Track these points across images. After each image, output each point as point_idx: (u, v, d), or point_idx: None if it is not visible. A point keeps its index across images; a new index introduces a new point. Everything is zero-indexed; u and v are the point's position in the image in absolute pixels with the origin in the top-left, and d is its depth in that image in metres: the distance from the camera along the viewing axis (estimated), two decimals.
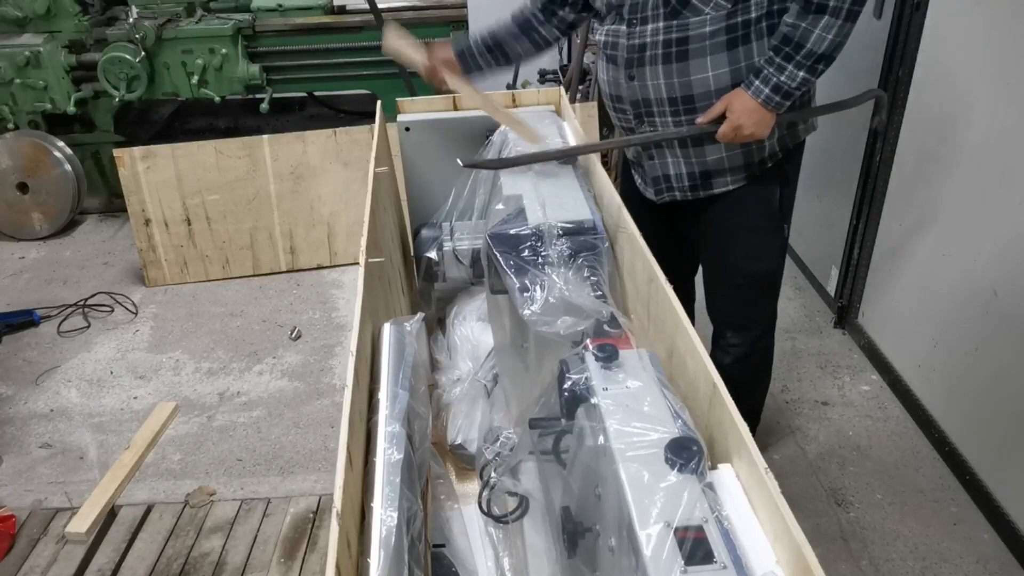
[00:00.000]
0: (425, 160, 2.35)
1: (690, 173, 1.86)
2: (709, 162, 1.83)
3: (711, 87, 1.72)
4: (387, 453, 1.24)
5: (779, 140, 1.82)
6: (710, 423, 1.17)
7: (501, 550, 1.75)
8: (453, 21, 3.85)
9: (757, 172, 1.84)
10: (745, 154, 1.80)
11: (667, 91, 1.75)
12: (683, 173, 1.86)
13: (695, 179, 1.86)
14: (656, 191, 1.94)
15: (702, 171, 1.84)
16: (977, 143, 2.11)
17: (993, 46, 2.03)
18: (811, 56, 1.62)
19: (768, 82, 1.65)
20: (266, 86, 3.88)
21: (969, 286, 2.15)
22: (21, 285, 3.50)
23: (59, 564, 2.09)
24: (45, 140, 3.78)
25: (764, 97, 1.66)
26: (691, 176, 1.86)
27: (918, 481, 2.25)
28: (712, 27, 1.67)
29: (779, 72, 1.64)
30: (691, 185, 1.87)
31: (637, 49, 1.74)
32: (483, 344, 2.27)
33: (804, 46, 1.61)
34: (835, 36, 1.61)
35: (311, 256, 3.54)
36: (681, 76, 1.73)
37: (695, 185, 1.87)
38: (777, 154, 1.84)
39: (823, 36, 1.60)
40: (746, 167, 1.83)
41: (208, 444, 2.52)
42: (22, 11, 3.61)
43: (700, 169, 1.84)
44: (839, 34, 1.61)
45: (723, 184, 1.86)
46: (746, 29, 1.68)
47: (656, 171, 1.90)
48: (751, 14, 1.67)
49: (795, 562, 0.89)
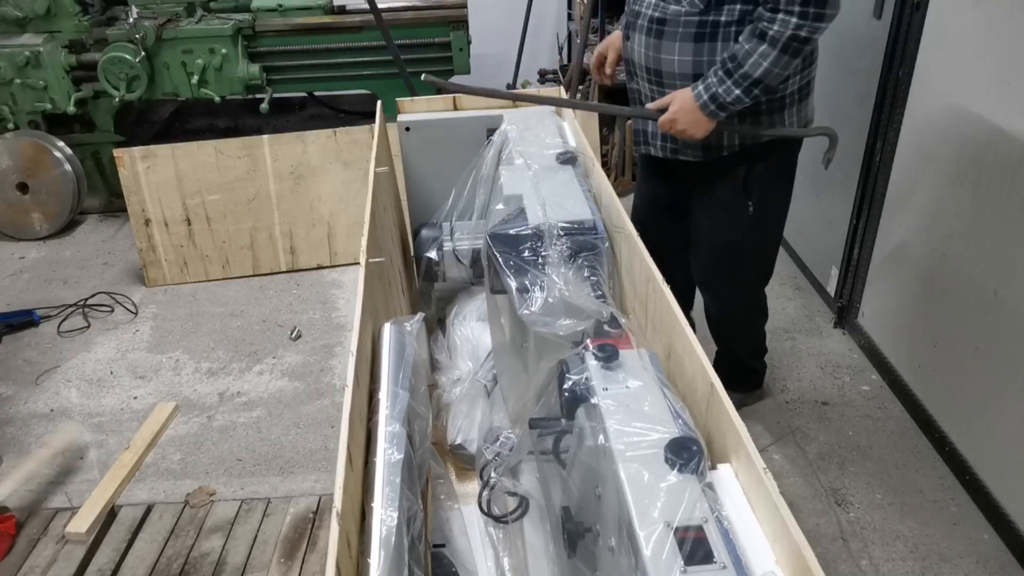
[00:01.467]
0: (425, 160, 2.35)
1: (662, 134, 2.00)
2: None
3: (675, 69, 1.89)
4: (387, 453, 1.24)
5: (739, 139, 1.95)
6: (708, 423, 1.18)
7: (501, 550, 1.75)
8: (453, 21, 3.85)
9: (716, 156, 1.98)
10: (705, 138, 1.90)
11: (645, 60, 1.94)
12: (658, 132, 1.99)
13: (667, 141, 2.04)
14: (635, 141, 2.15)
15: (672, 138, 1.98)
16: (977, 143, 2.11)
17: (993, 46, 2.03)
18: (746, 78, 1.76)
19: (708, 90, 1.80)
20: (266, 86, 3.87)
21: (969, 286, 2.15)
22: (21, 285, 3.50)
23: (59, 564, 2.09)
24: (45, 140, 3.78)
25: (702, 102, 1.81)
26: (663, 137, 2.03)
27: (918, 481, 2.25)
28: (686, 18, 1.83)
29: (719, 83, 1.79)
30: (662, 146, 2.06)
31: (634, 15, 1.95)
32: (483, 344, 2.28)
33: (742, 67, 1.76)
34: (770, 65, 1.73)
35: (311, 256, 3.54)
36: (655, 51, 1.90)
37: (666, 147, 2.05)
38: (735, 148, 1.97)
39: (759, 62, 1.74)
40: (705, 149, 1.98)
41: (208, 444, 2.52)
42: (22, 11, 3.61)
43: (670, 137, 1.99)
44: (775, 64, 1.73)
45: (687, 155, 2.02)
46: (715, 28, 1.82)
47: (638, 124, 2.12)
48: (722, 17, 1.80)
49: (795, 562, 0.89)
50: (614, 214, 1.70)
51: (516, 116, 2.25)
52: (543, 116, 2.26)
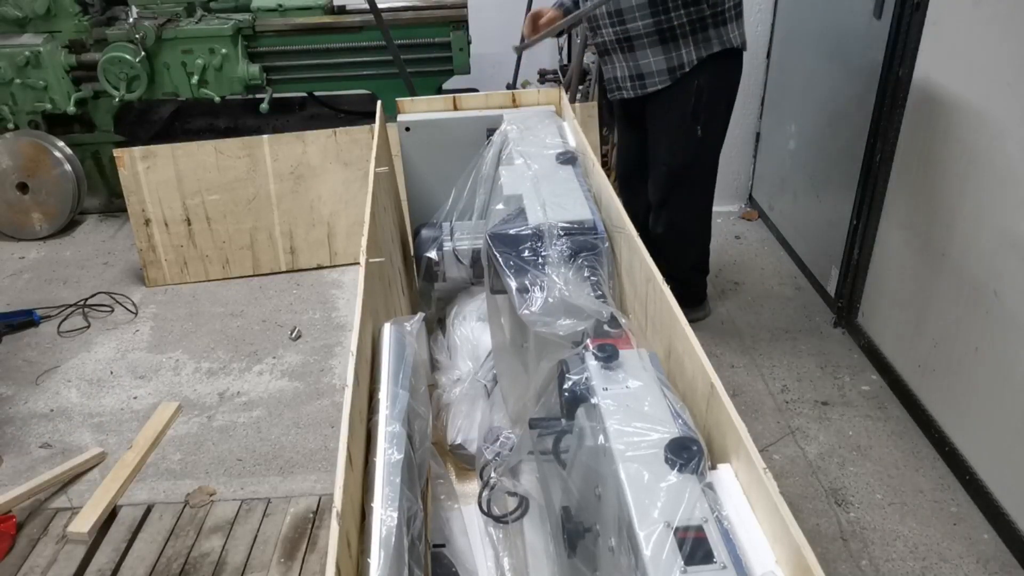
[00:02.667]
0: (425, 160, 2.35)
1: (630, 76, 2.47)
2: (641, 65, 2.42)
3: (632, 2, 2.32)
4: (387, 453, 1.24)
5: (694, 48, 2.36)
6: (708, 423, 1.18)
7: (501, 550, 1.75)
8: (453, 21, 3.85)
9: (679, 75, 2.40)
10: (667, 59, 2.38)
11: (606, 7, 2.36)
12: (626, 76, 2.47)
13: (634, 80, 2.47)
14: (609, 90, 2.57)
15: (637, 73, 2.44)
16: (977, 143, 2.11)
17: (993, 45, 2.03)
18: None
19: None
20: (266, 86, 3.87)
21: (969, 286, 2.15)
22: (21, 285, 3.51)
23: (59, 564, 2.09)
24: (45, 140, 3.78)
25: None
26: (631, 78, 2.47)
27: (918, 481, 2.25)
28: None
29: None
30: (631, 85, 2.48)
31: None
32: (483, 344, 2.28)
33: None
34: None
35: (311, 256, 3.54)
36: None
37: (634, 85, 2.48)
38: (693, 61, 2.38)
39: None
40: (669, 71, 2.40)
41: (208, 444, 2.52)
42: (22, 11, 3.61)
43: (635, 72, 2.45)
44: None
45: (653, 84, 2.44)
46: None
47: (610, 73, 2.53)
48: None
49: (795, 562, 0.89)
50: (614, 214, 1.70)
51: (516, 116, 2.25)
52: (543, 116, 2.26)
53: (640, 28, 2.36)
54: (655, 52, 2.38)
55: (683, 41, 2.36)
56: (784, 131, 3.39)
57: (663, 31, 2.34)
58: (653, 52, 2.38)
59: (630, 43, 2.40)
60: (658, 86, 2.43)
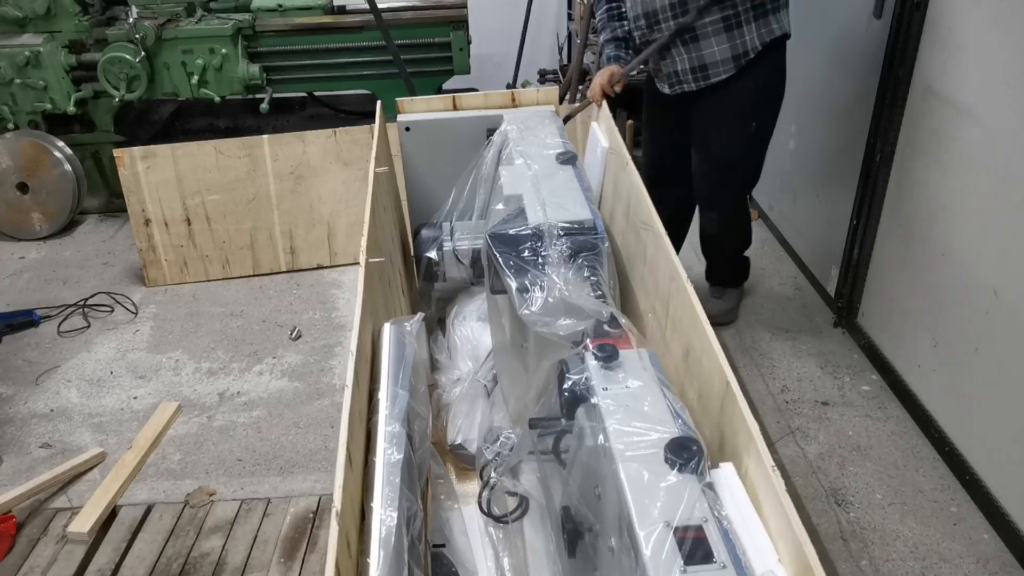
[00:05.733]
0: (425, 160, 2.35)
1: (692, 68, 2.42)
2: (705, 55, 2.38)
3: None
4: (387, 453, 1.24)
5: (757, 35, 2.35)
6: (722, 421, 1.18)
7: (501, 550, 1.75)
8: (453, 21, 3.85)
9: (743, 63, 2.37)
10: (732, 47, 2.35)
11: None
12: (687, 68, 2.42)
13: (696, 72, 2.42)
14: (670, 84, 2.50)
15: (700, 64, 2.40)
16: (977, 143, 2.11)
17: (993, 46, 2.03)
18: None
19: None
20: (266, 86, 3.87)
21: (969, 286, 2.15)
22: (21, 285, 3.50)
23: (59, 564, 2.09)
24: (45, 140, 3.78)
25: None
26: (693, 70, 2.42)
27: (918, 481, 2.25)
28: None
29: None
30: (694, 77, 2.43)
31: None
32: (483, 344, 2.28)
33: None
34: None
35: (311, 256, 3.54)
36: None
37: (696, 77, 2.43)
38: (757, 47, 2.36)
39: None
40: (734, 59, 2.37)
41: (208, 444, 2.52)
42: (22, 11, 3.61)
43: (698, 63, 2.40)
44: None
45: (717, 74, 2.40)
46: None
47: (669, 67, 2.47)
48: None
49: (796, 560, 0.89)
50: (643, 211, 1.70)
51: (516, 116, 2.25)
52: (543, 116, 2.26)
53: (703, 18, 2.33)
54: (719, 40, 2.35)
55: (747, 27, 2.34)
56: (784, 131, 3.39)
57: (728, 18, 2.32)
58: (718, 41, 2.35)
59: (694, 34, 2.36)
60: (722, 75, 2.40)
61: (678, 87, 2.48)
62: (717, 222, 2.74)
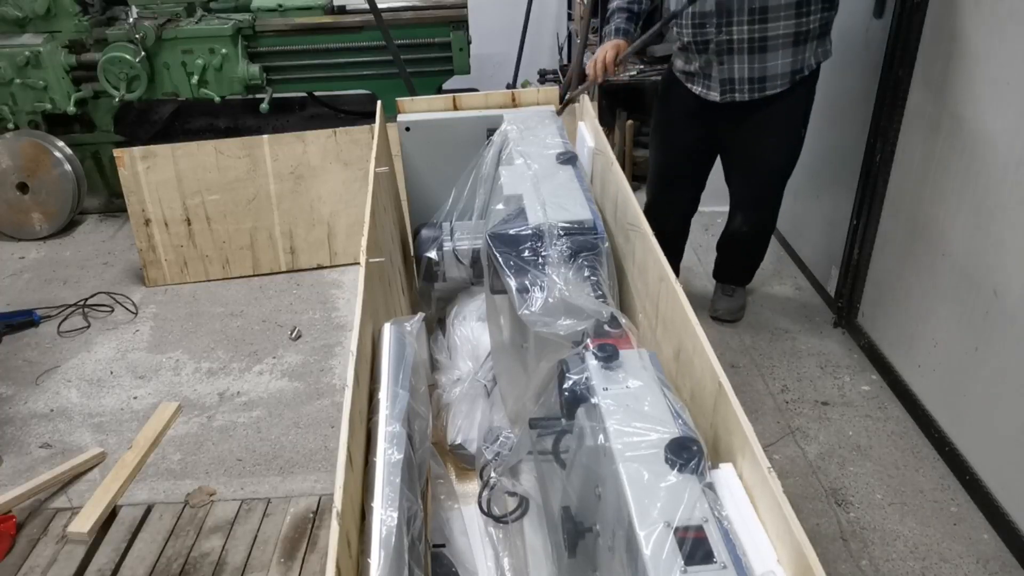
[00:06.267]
0: (425, 160, 2.35)
1: (751, 78, 2.34)
2: (768, 68, 2.32)
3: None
4: (387, 453, 1.24)
5: (813, 54, 2.34)
6: (715, 422, 1.17)
7: (501, 550, 1.75)
8: (453, 21, 3.85)
9: (798, 79, 2.35)
10: (793, 62, 2.31)
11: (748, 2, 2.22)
12: (745, 77, 2.35)
13: (753, 83, 2.35)
14: (722, 92, 2.40)
15: (760, 76, 2.33)
16: (977, 143, 2.11)
17: (993, 46, 2.03)
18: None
19: None
20: (266, 86, 3.87)
21: (969, 286, 2.15)
22: (21, 285, 3.50)
23: (59, 564, 2.09)
24: (45, 140, 3.78)
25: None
26: (751, 80, 2.35)
27: (918, 481, 2.25)
28: None
29: None
30: (749, 87, 2.36)
31: None
32: (483, 344, 2.28)
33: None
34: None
35: (311, 256, 3.54)
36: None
37: (752, 87, 2.36)
38: (812, 66, 2.36)
39: None
40: (792, 74, 2.34)
41: (208, 444, 2.52)
42: (22, 11, 3.61)
43: (759, 74, 2.33)
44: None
45: (774, 87, 2.35)
46: None
47: (724, 75, 2.37)
48: None
49: (796, 561, 0.89)
50: (630, 212, 1.70)
51: (516, 116, 2.25)
52: (543, 116, 2.26)
53: (780, 28, 2.26)
54: (785, 55, 2.30)
55: (809, 45, 2.31)
56: None
57: (800, 33, 2.27)
58: (784, 54, 2.30)
59: (764, 44, 2.28)
60: (778, 89, 2.36)
61: (729, 95, 2.39)
62: (756, 225, 2.72)
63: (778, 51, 2.28)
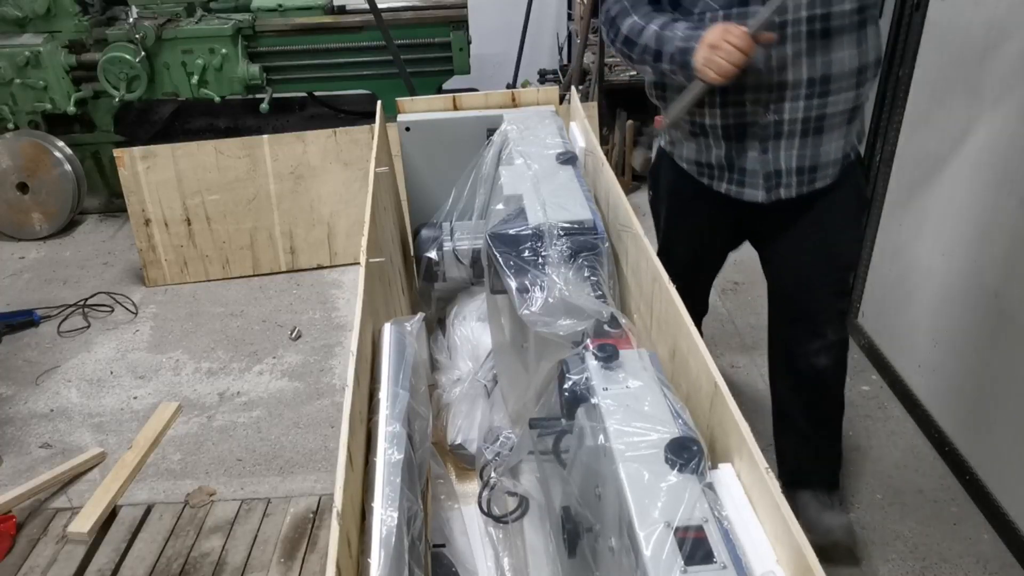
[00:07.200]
0: (425, 160, 2.34)
1: (799, 168, 1.75)
2: (821, 153, 1.74)
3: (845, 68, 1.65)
4: (387, 453, 1.24)
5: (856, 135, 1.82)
6: (712, 423, 1.17)
7: (501, 550, 1.75)
8: (453, 21, 3.85)
9: (845, 164, 1.80)
10: (846, 143, 1.77)
11: (808, 71, 1.64)
12: (793, 168, 1.75)
13: (803, 173, 1.77)
14: (767, 188, 1.78)
15: (811, 165, 1.75)
16: (977, 143, 2.11)
17: (993, 46, 2.03)
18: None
19: None
20: (266, 86, 3.88)
21: (969, 286, 2.15)
22: (21, 285, 3.50)
23: (59, 564, 2.09)
24: (45, 140, 3.78)
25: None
26: (799, 171, 1.76)
27: (918, 481, 2.25)
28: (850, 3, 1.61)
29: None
30: (797, 180, 1.77)
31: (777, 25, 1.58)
32: (483, 344, 2.27)
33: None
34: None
35: (311, 256, 3.54)
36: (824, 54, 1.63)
37: (801, 180, 1.77)
38: (855, 146, 1.83)
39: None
40: (843, 158, 1.79)
41: (208, 444, 2.52)
42: (22, 11, 3.61)
43: (811, 163, 1.75)
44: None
45: (824, 177, 1.79)
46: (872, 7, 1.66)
47: (768, 166, 1.76)
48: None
49: (795, 562, 0.89)
50: (622, 213, 1.70)
51: (516, 116, 2.25)
52: (543, 116, 2.25)
53: (840, 102, 1.69)
54: (839, 135, 1.74)
55: (857, 121, 1.79)
56: None
57: (856, 108, 1.75)
58: (839, 135, 1.74)
59: (820, 123, 1.70)
60: (828, 180, 1.79)
61: (775, 192, 1.78)
62: (830, 348, 1.95)
63: (833, 131, 1.73)
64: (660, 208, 2.08)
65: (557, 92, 2.40)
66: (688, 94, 1.66)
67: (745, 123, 1.72)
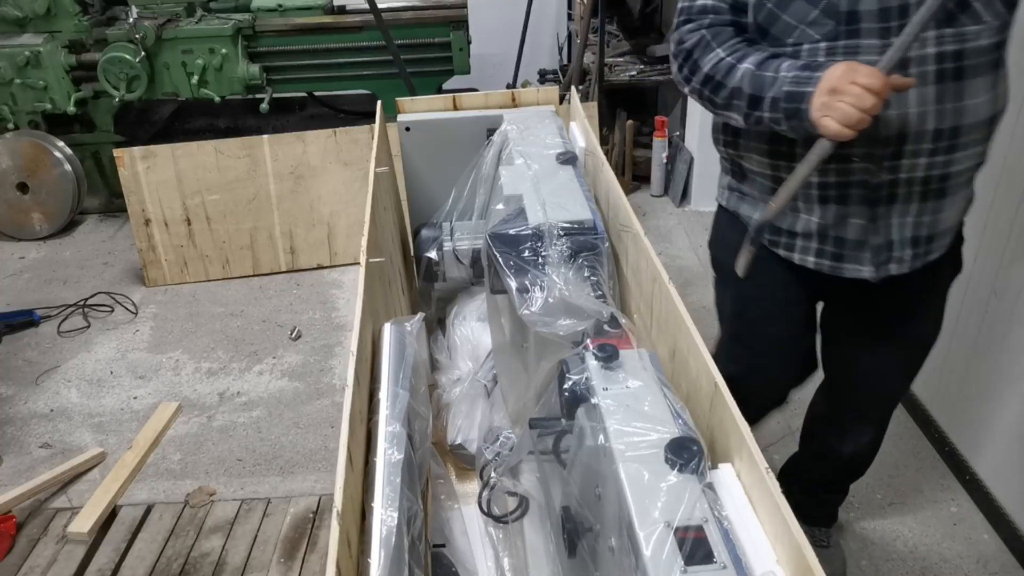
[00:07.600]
0: (425, 160, 2.35)
1: (915, 237, 1.43)
2: (940, 220, 1.43)
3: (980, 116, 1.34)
4: (387, 453, 1.24)
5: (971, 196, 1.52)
6: (712, 423, 1.17)
7: (501, 550, 1.75)
8: (453, 21, 3.85)
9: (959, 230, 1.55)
10: (964, 210, 1.50)
11: (936, 121, 1.31)
12: (908, 238, 1.43)
13: (919, 244, 1.44)
14: (876, 264, 1.44)
15: (929, 234, 1.43)
16: None
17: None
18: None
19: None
20: (266, 86, 3.88)
21: (969, 286, 2.15)
22: (21, 285, 3.51)
23: (59, 564, 2.09)
24: (45, 140, 3.78)
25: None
26: (916, 241, 1.43)
27: (918, 481, 2.25)
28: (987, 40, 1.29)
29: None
30: (914, 252, 1.44)
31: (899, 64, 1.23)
32: (483, 344, 2.27)
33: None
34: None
35: (311, 256, 3.54)
36: (955, 100, 1.31)
37: (917, 252, 1.44)
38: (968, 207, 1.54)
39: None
40: (959, 224, 1.53)
41: (208, 444, 2.52)
42: (22, 11, 3.61)
43: (929, 231, 1.43)
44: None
45: (941, 247, 1.48)
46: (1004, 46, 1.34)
47: (879, 238, 1.42)
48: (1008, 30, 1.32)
49: (795, 562, 0.89)
50: (622, 213, 1.70)
51: (516, 116, 2.25)
52: (543, 116, 2.25)
53: (968, 159, 1.38)
54: (961, 197, 1.46)
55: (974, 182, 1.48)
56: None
57: (980, 164, 1.44)
58: (961, 197, 1.45)
59: (943, 184, 1.38)
60: (942, 251, 1.48)
61: (884, 268, 1.45)
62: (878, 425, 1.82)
63: (957, 193, 1.42)
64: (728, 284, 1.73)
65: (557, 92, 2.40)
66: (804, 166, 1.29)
67: (850, 182, 1.38)
